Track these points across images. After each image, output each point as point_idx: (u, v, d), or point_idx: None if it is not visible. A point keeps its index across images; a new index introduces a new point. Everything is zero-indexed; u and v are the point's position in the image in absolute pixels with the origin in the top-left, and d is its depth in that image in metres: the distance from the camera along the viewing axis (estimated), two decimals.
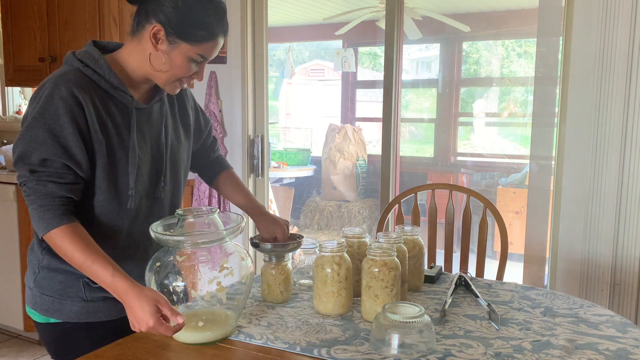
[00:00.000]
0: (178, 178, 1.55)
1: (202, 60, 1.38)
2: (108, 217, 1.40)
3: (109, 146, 1.35)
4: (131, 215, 1.42)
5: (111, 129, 1.36)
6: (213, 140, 1.75)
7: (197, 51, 1.35)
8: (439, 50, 6.39)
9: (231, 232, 1.29)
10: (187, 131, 1.59)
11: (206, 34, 1.34)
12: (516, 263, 4.20)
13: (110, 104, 1.37)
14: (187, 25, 1.32)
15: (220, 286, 1.29)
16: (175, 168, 1.53)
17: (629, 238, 2.34)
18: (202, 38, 1.34)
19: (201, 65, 1.40)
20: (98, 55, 1.37)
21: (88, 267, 1.26)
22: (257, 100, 3.27)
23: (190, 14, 1.32)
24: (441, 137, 6.17)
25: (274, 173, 5.95)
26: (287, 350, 1.25)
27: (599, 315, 1.44)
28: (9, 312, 3.27)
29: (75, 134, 1.28)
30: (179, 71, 1.37)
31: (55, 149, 1.27)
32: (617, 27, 2.27)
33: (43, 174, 1.28)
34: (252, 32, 3.22)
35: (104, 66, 1.35)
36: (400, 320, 1.21)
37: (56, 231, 1.27)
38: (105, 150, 1.34)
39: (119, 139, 1.37)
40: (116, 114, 1.38)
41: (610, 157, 2.34)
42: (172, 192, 1.54)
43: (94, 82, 1.35)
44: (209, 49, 1.37)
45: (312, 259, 1.65)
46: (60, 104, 1.28)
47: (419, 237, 1.65)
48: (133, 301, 1.21)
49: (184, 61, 1.36)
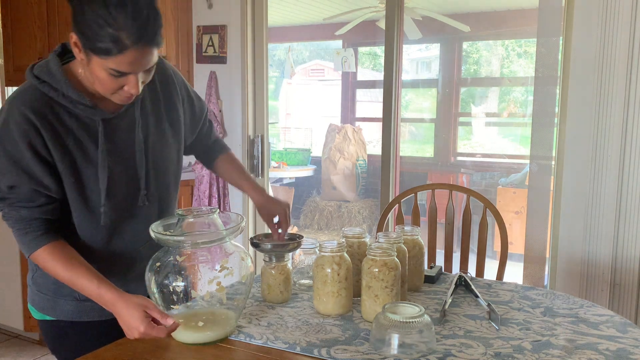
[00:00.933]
0: (166, 180, 1.47)
1: (119, 75, 1.20)
2: (88, 233, 1.38)
3: (73, 165, 1.29)
4: (111, 229, 1.39)
5: (74, 147, 1.29)
6: (209, 125, 1.66)
7: (110, 65, 1.18)
8: (439, 50, 6.39)
9: (231, 232, 1.29)
10: (175, 127, 1.48)
11: (113, 48, 1.15)
12: (516, 263, 4.20)
13: (72, 120, 1.29)
14: (94, 38, 1.15)
15: (220, 286, 1.29)
16: (161, 170, 1.45)
17: (629, 238, 2.34)
18: (109, 52, 1.16)
19: (126, 77, 1.22)
20: (56, 68, 1.27)
21: (74, 283, 1.28)
22: (257, 100, 3.27)
23: (97, 26, 1.14)
24: (441, 137, 6.17)
25: (274, 173, 5.95)
26: (287, 350, 1.25)
27: (599, 315, 1.44)
28: (9, 312, 3.27)
29: (34, 159, 1.25)
30: (104, 84, 1.23)
31: (19, 175, 1.25)
32: (617, 27, 2.27)
33: (14, 200, 1.27)
34: (252, 32, 3.22)
35: (61, 80, 1.26)
36: (400, 320, 1.21)
37: (37, 253, 1.29)
38: (70, 169, 1.29)
39: (84, 156, 1.30)
40: (79, 129, 1.29)
41: (610, 157, 2.34)
42: (160, 196, 1.46)
43: (52, 98, 1.26)
44: (123, 64, 1.18)
45: (312, 259, 1.65)
46: (15, 130, 1.23)
47: (419, 237, 1.65)
48: (122, 310, 1.22)
49: (104, 74, 1.20)
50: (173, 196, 1.54)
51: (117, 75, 1.20)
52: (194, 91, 1.59)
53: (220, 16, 3.24)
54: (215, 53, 3.27)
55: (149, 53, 1.20)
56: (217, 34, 3.25)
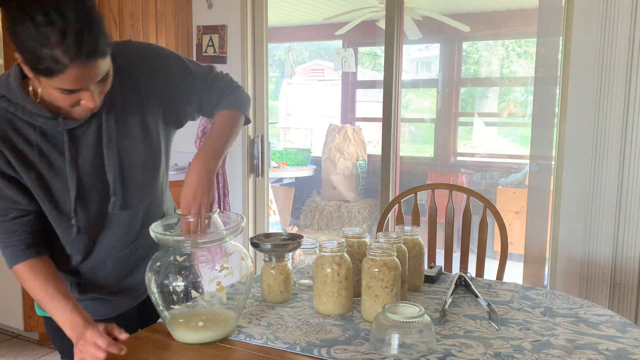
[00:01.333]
0: (141, 185, 1.39)
1: (70, 92, 1.14)
2: (68, 243, 1.38)
3: (40, 178, 1.27)
4: (89, 238, 1.38)
5: (39, 161, 1.26)
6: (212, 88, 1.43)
7: (56, 85, 1.11)
8: (439, 50, 6.39)
9: (231, 232, 1.29)
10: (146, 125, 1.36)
11: (53, 68, 1.08)
12: (516, 263, 4.20)
13: (36, 133, 1.24)
14: (31, 59, 1.09)
15: (220, 286, 1.29)
16: (135, 176, 1.37)
17: (629, 238, 2.34)
18: (50, 72, 1.08)
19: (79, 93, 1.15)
20: (15, 81, 1.21)
21: (45, 304, 1.29)
22: (257, 100, 3.27)
23: (32, 48, 1.07)
24: (441, 137, 6.17)
25: (274, 173, 5.95)
26: (287, 350, 1.25)
27: (599, 315, 1.44)
28: (9, 312, 3.27)
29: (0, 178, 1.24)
30: (59, 101, 1.17)
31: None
32: (617, 27, 2.27)
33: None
34: (252, 32, 3.22)
35: (18, 94, 1.21)
36: (400, 320, 1.21)
37: (16, 268, 1.30)
38: (37, 183, 1.27)
39: (51, 168, 1.27)
40: (44, 142, 1.26)
41: (610, 157, 2.34)
42: (136, 202, 1.39)
43: (12, 113, 1.22)
44: (67, 81, 1.11)
45: (312, 259, 1.65)
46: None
47: (419, 237, 1.65)
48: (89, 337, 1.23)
49: (55, 92, 1.14)
50: (155, 200, 1.45)
51: (67, 93, 1.14)
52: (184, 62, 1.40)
53: (220, 16, 3.24)
54: (215, 53, 3.27)
55: (93, 66, 1.11)
56: (217, 34, 3.26)
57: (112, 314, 1.47)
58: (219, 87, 1.44)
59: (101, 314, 1.46)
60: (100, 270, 1.42)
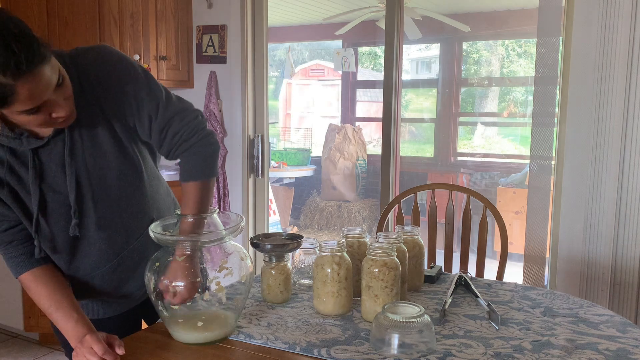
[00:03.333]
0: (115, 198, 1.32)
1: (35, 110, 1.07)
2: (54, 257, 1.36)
3: (15, 195, 1.25)
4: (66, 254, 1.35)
5: (11, 178, 1.24)
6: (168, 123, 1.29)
7: (16, 109, 1.05)
8: (439, 50, 6.38)
9: (231, 232, 1.29)
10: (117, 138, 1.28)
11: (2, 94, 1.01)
12: (516, 263, 4.20)
13: (5, 150, 1.21)
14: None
15: (220, 286, 1.29)
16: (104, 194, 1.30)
17: (629, 238, 2.34)
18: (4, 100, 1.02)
19: (45, 107, 1.09)
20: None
21: (51, 313, 1.28)
22: (257, 100, 3.27)
23: None
24: (441, 137, 6.17)
25: (274, 173, 5.95)
26: (287, 350, 1.25)
27: (599, 315, 1.44)
28: (9, 312, 3.27)
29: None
30: (31, 124, 1.13)
31: None
32: (617, 27, 2.27)
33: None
34: (252, 32, 3.22)
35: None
36: (400, 320, 1.21)
37: (21, 277, 1.30)
38: (11, 199, 1.25)
39: (22, 185, 1.25)
40: (13, 158, 1.23)
41: (610, 157, 2.34)
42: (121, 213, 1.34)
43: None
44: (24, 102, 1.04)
45: (312, 259, 1.65)
46: None
47: (419, 237, 1.65)
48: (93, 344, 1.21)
49: (21, 117, 1.09)
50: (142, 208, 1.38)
51: (34, 112, 1.08)
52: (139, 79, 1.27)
53: (220, 16, 3.24)
54: (215, 53, 3.27)
55: (40, 75, 1.03)
56: (217, 34, 3.25)
57: (113, 313, 1.47)
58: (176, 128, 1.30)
59: (100, 313, 1.46)
60: (90, 283, 1.41)
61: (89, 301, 1.45)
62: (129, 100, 1.26)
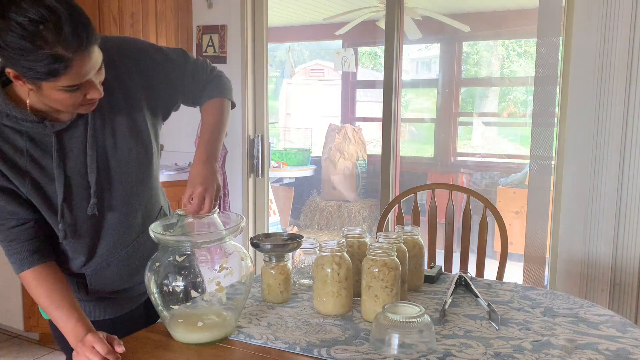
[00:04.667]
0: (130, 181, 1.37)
1: (76, 88, 1.13)
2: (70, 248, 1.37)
3: (35, 184, 1.26)
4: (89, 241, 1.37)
5: (31, 167, 1.25)
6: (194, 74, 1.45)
7: (62, 84, 1.11)
8: (439, 50, 6.38)
9: (231, 232, 1.29)
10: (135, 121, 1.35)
11: (57, 67, 1.07)
12: (516, 263, 4.20)
13: (24, 139, 1.24)
14: (33, 66, 1.07)
15: (220, 286, 1.29)
16: (121, 176, 1.35)
17: (629, 238, 2.34)
18: (55, 72, 1.08)
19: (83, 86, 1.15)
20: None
21: (50, 312, 1.28)
22: (257, 100, 3.27)
23: (28, 53, 1.05)
24: (441, 137, 6.17)
25: (274, 173, 5.95)
26: (287, 350, 1.25)
27: (599, 315, 1.44)
28: (9, 312, 3.27)
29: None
30: (64, 103, 1.16)
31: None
32: (617, 27, 2.27)
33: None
34: (252, 32, 3.22)
35: (2, 102, 1.19)
36: (400, 320, 1.21)
37: (22, 275, 1.30)
38: (33, 190, 1.26)
39: (44, 173, 1.27)
40: (34, 147, 1.25)
41: (610, 157, 2.34)
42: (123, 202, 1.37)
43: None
44: (73, 77, 1.10)
45: (312, 259, 1.65)
46: None
47: (419, 237, 1.65)
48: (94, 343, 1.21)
49: (61, 94, 1.13)
50: (146, 196, 1.43)
51: (74, 90, 1.13)
52: (158, 49, 1.40)
53: (220, 16, 3.24)
54: (215, 53, 3.27)
55: (92, 53, 1.11)
56: (217, 34, 3.25)
57: (117, 313, 1.48)
58: (200, 74, 1.46)
59: (106, 314, 1.46)
60: (104, 271, 1.42)
61: (96, 302, 1.45)
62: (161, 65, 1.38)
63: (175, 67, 1.42)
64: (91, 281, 1.42)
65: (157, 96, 1.40)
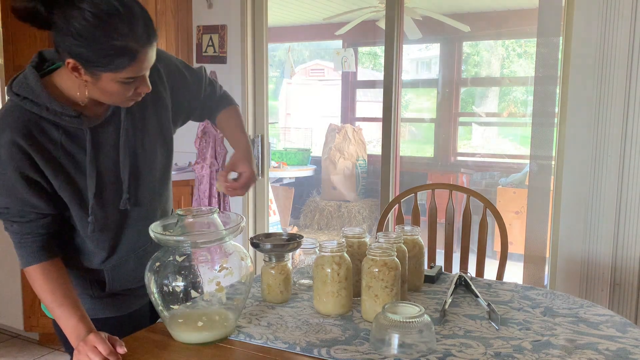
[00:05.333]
0: (153, 180, 1.43)
1: (132, 81, 1.20)
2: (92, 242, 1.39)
3: (68, 178, 1.29)
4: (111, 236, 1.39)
5: (65, 160, 1.28)
6: (211, 88, 1.57)
7: (123, 75, 1.17)
8: (439, 50, 6.38)
9: (231, 232, 1.29)
10: (161, 122, 1.42)
11: (126, 59, 1.14)
12: (516, 263, 4.20)
13: (60, 133, 1.26)
14: (101, 56, 1.12)
15: (220, 286, 1.29)
16: (148, 170, 1.41)
17: (629, 238, 2.34)
18: (122, 64, 1.15)
19: (138, 80, 1.21)
20: (35, 81, 1.22)
21: (53, 308, 1.28)
22: (257, 100, 3.27)
23: (99, 43, 1.11)
24: (441, 137, 6.17)
25: (274, 173, 5.95)
26: (287, 350, 1.25)
27: (599, 315, 1.44)
28: (9, 312, 3.27)
29: (23, 182, 1.24)
30: (117, 95, 1.22)
31: (10, 197, 1.25)
32: (617, 27, 2.27)
33: (7, 216, 1.29)
34: (252, 32, 3.22)
35: (42, 94, 1.22)
36: (400, 320, 1.21)
37: (29, 269, 1.30)
38: (65, 183, 1.28)
39: (77, 167, 1.29)
40: (68, 141, 1.27)
41: (610, 157, 2.34)
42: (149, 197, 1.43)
43: (36, 114, 1.23)
44: (136, 69, 1.17)
45: (312, 259, 1.65)
46: (3, 154, 1.22)
47: (419, 237, 1.65)
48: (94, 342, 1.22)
49: (116, 86, 1.19)
50: (166, 196, 1.50)
51: (129, 82, 1.19)
52: (186, 65, 1.50)
53: (220, 16, 3.24)
54: (215, 53, 3.27)
55: (153, 50, 1.19)
56: (217, 34, 3.25)
57: (127, 310, 1.49)
58: (214, 91, 1.58)
59: (121, 310, 1.47)
60: (122, 267, 1.43)
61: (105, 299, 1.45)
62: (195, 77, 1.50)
63: (198, 83, 1.52)
64: (110, 277, 1.43)
65: (179, 106, 1.47)
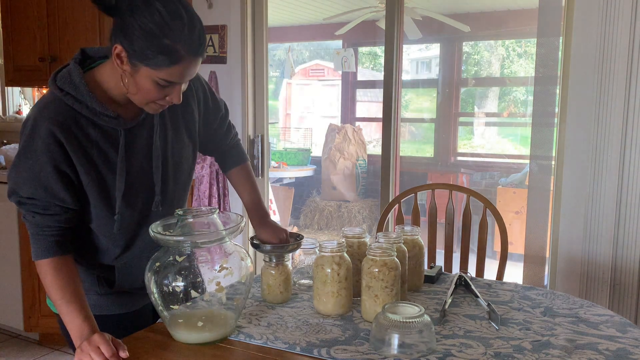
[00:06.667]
0: (180, 184, 1.49)
1: (168, 85, 1.24)
2: (107, 240, 1.40)
3: (99, 175, 1.31)
4: (129, 235, 1.42)
5: (98, 158, 1.31)
6: (227, 129, 1.64)
7: (160, 76, 1.21)
8: (439, 50, 6.38)
9: (231, 232, 1.29)
10: (190, 129, 1.49)
11: (168, 59, 1.19)
12: (516, 263, 4.20)
13: (96, 131, 1.30)
14: (147, 49, 1.18)
15: (220, 286, 1.29)
16: (177, 175, 1.47)
17: (629, 238, 2.33)
18: (163, 63, 1.20)
19: (172, 87, 1.26)
20: (79, 78, 1.27)
21: (59, 305, 1.28)
22: (257, 100, 3.27)
23: (152, 37, 1.18)
24: (441, 137, 6.17)
25: (274, 173, 5.95)
26: (287, 350, 1.25)
27: (599, 315, 1.44)
28: (9, 312, 3.27)
29: (55, 174, 1.25)
30: (148, 94, 1.25)
31: (38, 188, 1.26)
32: (617, 27, 2.27)
33: (30, 207, 1.29)
34: (252, 32, 3.22)
35: (84, 92, 1.27)
36: (400, 320, 1.21)
37: (41, 263, 1.30)
38: (95, 181, 1.31)
39: (108, 165, 1.32)
40: (103, 139, 1.31)
41: (610, 157, 2.34)
42: (173, 200, 1.48)
43: (76, 110, 1.27)
44: (174, 74, 1.22)
45: (312, 259, 1.65)
46: (39, 145, 1.24)
47: (419, 237, 1.65)
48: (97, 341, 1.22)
49: (151, 84, 1.23)
50: (184, 199, 1.56)
51: (164, 86, 1.23)
52: (213, 92, 1.58)
53: (220, 16, 3.24)
54: (215, 53, 3.27)
55: (197, 63, 1.24)
56: (217, 34, 3.25)
57: (131, 308, 1.49)
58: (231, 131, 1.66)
59: (127, 306, 1.48)
60: (134, 265, 1.44)
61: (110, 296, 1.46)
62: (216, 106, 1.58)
63: (222, 117, 1.60)
64: (120, 274, 1.44)
65: (203, 130, 1.55)
